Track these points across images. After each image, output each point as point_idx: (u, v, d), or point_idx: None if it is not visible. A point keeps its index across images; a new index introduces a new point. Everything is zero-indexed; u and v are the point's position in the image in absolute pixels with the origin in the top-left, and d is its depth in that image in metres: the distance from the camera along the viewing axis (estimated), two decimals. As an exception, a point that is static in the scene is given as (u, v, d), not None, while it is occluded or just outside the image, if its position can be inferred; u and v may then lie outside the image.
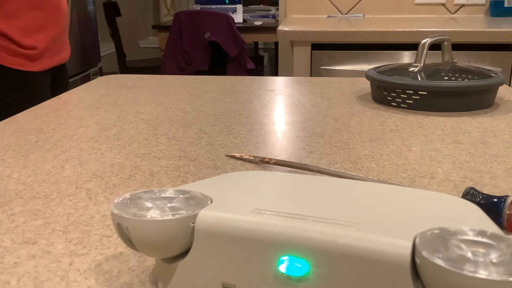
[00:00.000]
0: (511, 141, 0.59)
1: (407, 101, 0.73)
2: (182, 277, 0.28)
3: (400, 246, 0.23)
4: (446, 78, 0.81)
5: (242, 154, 0.54)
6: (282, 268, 0.26)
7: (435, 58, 0.90)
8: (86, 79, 2.69)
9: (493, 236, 0.24)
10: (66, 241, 0.37)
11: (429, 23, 1.75)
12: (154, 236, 0.27)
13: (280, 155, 0.55)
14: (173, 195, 0.30)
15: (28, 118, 0.71)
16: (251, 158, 0.52)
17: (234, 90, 0.88)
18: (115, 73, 3.65)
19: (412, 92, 0.72)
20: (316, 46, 1.62)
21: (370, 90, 0.86)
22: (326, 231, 0.25)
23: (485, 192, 0.44)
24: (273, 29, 3.25)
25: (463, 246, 0.23)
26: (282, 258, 0.26)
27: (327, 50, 1.62)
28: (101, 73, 3.01)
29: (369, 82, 0.86)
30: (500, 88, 0.85)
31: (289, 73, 2.31)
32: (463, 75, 0.81)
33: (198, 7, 3.71)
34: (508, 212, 0.35)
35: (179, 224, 0.27)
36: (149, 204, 0.29)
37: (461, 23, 1.76)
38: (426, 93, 0.72)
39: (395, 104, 0.75)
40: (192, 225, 0.27)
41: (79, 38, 2.52)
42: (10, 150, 0.57)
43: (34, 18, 1.14)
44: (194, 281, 0.28)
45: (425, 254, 0.22)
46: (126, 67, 3.57)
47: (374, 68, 0.83)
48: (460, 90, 0.71)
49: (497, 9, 2.08)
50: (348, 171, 0.50)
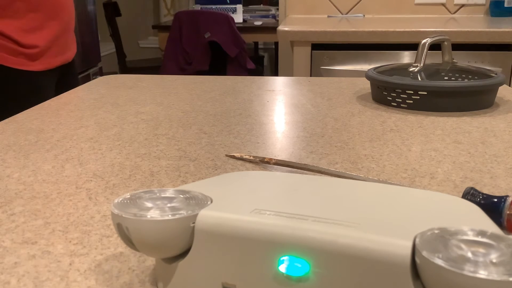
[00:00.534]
0: (511, 141, 0.59)
1: (407, 101, 0.73)
2: (182, 277, 0.28)
3: (400, 246, 0.23)
4: (446, 78, 0.81)
5: (242, 154, 0.54)
6: (282, 268, 0.26)
7: (435, 58, 0.90)
8: (86, 79, 2.69)
9: (493, 236, 0.24)
10: (66, 241, 0.37)
11: (429, 23, 1.75)
12: (154, 236, 0.27)
13: (280, 155, 0.55)
14: (173, 195, 0.30)
15: (28, 118, 0.71)
16: (251, 158, 0.52)
17: (234, 90, 0.88)
18: (115, 73, 3.65)
19: (412, 92, 0.72)
20: (316, 46, 1.62)
21: (370, 90, 0.86)
22: (326, 231, 0.25)
23: (485, 192, 0.44)
24: (273, 29, 3.25)
25: (463, 246, 0.23)
26: (282, 258, 0.26)
27: (327, 50, 1.62)
28: (101, 73, 3.01)
29: (369, 82, 0.86)
30: (500, 88, 0.85)
31: (289, 73, 2.31)
32: (463, 75, 0.81)
33: (198, 7, 3.71)
34: (508, 212, 0.35)
35: (179, 224, 0.27)
36: (149, 204, 0.29)
37: (461, 23, 1.76)
38: (426, 93, 0.72)
39: (395, 104, 0.75)
40: (192, 225, 0.27)
41: (79, 38, 2.53)
42: (10, 150, 0.57)
43: (33, 17, 1.14)
44: (194, 281, 0.28)
45: (425, 254, 0.22)
46: (126, 67, 3.57)
47: (374, 68, 0.83)
48: (460, 90, 0.71)
49: (497, 9, 2.08)
50: (348, 171, 0.50)
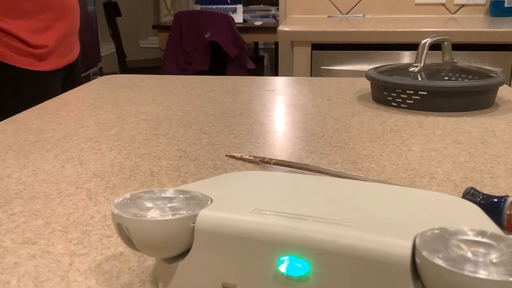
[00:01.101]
0: (511, 141, 0.59)
1: (407, 101, 0.73)
2: (182, 277, 0.28)
3: (400, 246, 0.23)
4: (446, 78, 0.81)
5: (242, 154, 0.54)
6: (282, 268, 0.26)
7: (435, 58, 0.90)
8: (86, 79, 2.69)
9: (493, 236, 0.24)
10: (66, 241, 0.37)
11: (429, 23, 1.75)
12: (154, 236, 0.27)
13: (280, 155, 0.55)
14: (173, 195, 0.30)
15: (28, 118, 0.71)
16: (251, 158, 0.52)
17: (234, 90, 0.88)
18: (115, 73, 3.65)
19: (412, 92, 0.72)
20: (316, 46, 1.62)
21: (370, 90, 0.86)
22: (326, 231, 0.25)
23: (485, 192, 0.44)
24: (273, 29, 3.25)
25: (463, 246, 0.23)
26: (282, 258, 0.26)
27: (327, 50, 1.62)
28: (101, 73, 3.01)
29: (369, 82, 0.86)
30: (500, 88, 0.85)
31: (289, 73, 2.31)
32: (463, 75, 0.81)
33: (198, 7, 3.71)
34: (508, 212, 0.35)
35: (179, 224, 0.27)
36: (149, 204, 0.29)
37: (461, 23, 1.76)
38: (426, 93, 0.72)
39: (395, 104, 0.75)
40: (192, 225, 0.27)
41: (79, 38, 2.52)
42: (10, 150, 0.57)
43: (42, 18, 1.15)
44: (194, 281, 0.28)
45: (425, 254, 0.22)
46: (126, 67, 3.57)
47: (374, 68, 0.83)
48: (460, 90, 0.71)
49: (497, 9, 2.08)
50: (348, 171, 0.50)
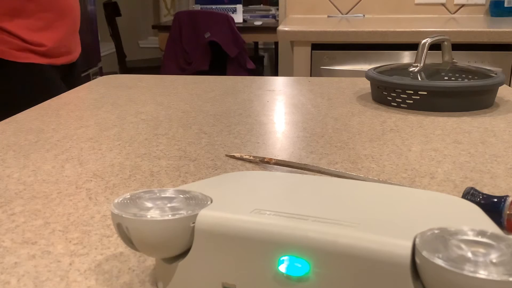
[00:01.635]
0: (511, 141, 0.59)
1: (407, 101, 0.73)
2: (182, 277, 0.28)
3: (400, 246, 0.23)
4: (446, 78, 0.81)
5: (242, 154, 0.54)
6: (282, 268, 0.26)
7: (435, 58, 0.90)
8: (86, 79, 2.69)
9: (493, 236, 0.24)
10: (66, 241, 0.37)
11: (429, 23, 1.75)
12: (154, 236, 0.27)
13: (280, 155, 0.55)
14: (173, 195, 0.30)
15: (28, 118, 0.71)
16: (251, 158, 0.52)
17: (234, 90, 0.88)
18: (115, 73, 3.65)
19: (412, 92, 0.72)
20: (316, 46, 1.62)
21: (370, 90, 0.86)
22: (326, 231, 0.25)
23: (485, 192, 0.44)
24: (273, 29, 3.25)
25: (463, 246, 0.23)
26: (282, 258, 0.26)
27: (327, 50, 1.62)
28: (101, 73, 3.01)
29: (369, 82, 0.86)
30: (500, 88, 0.85)
31: (289, 73, 2.31)
32: (463, 75, 0.81)
33: (198, 7, 3.71)
34: (508, 212, 0.35)
35: (179, 224, 0.27)
36: (149, 204, 0.29)
37: (461, 23, 1.76)
38: (426, 93, 0.72)
39: (395, 104, 0.75)
40: (192, 225, 0.27)
41: (79, 38, 2.52)
42: (10, 150, 0.57)
43: (41, 17, 1.15)
44: (194, 281, 0.28)
45: (425, 254, 0.22)
46: (126, 67, 3.57)
47: (374, 68, 0.83)
48: (460, 90, 0.71)
49: (497, 9, 2.08)
50: (348, 171, 0.50)
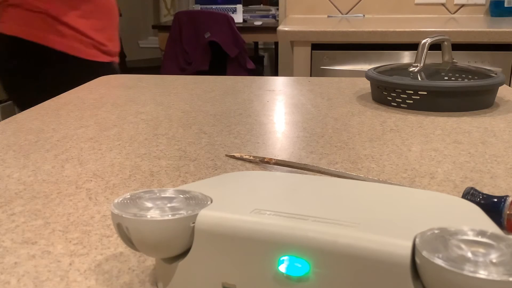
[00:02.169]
0: (511, 141, 0.59)
1: (407, 101, 0.73)
2: (182, 277, 0.28)
3: (400, 246, 0.23)
4: (446, 78, 0.81)
5: (242, 154, 0.54)
6: (282, 268, 0.26)
7: (435, 58, 0.90)
8: (86, 79, 2.68)
9: (493, 236, 0.24)
10: (66, 241, 0.37)
11: (429, 23, 1.75)
12: (154, 236, 0.27)
13: (280, 155, 0.55)
14: (173, 195, 0.30)
15: (28, 118, 0.71)
16: (251, 158, 0.52)
17: (234, 90, 0.88)
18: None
19: (412, 92, 0.72)
20: (316, 46, 1.62)
21: (370, 90, 0.86)
22: (326, 231, 0.25)
23: (485, 192, 0.44)
24: (273, 29, 3.25)
25: (463, 246, 0.23)
26: (282, 258, 0.26)
27: (327, 50, 1.62)
28: (101, 73, 3.01)
29: (369, 82, 0.86)
30: (500, 88, 0.85)
31: (289, 73, 2.31)
32: (463, 75, 0.81)
33: (198, 7, 3.71)
34: (508, 212, 0.35)
35: (179, 224, 0.27)
36: (149, 204, 0.29)
37: (461, 23, 1.76)
38: (426, 93, 0.72)
39: (395, 104, 0.75)
40: (192, 225, 0.27)
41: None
42: (10, 150, 0.57)
43: (99, 18, 1.27)
44: (194, 281, 0.28)
45: (425, 254, 0.22)
46: (126, 67, 3.57)
47: (374, 68, 0.83)
48: (460, 90, 0.71)
49: (497, 9, 2.08)
50: (348, 171, 0.50)
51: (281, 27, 1.63)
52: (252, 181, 0.34)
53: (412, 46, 1.60)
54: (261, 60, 4.20)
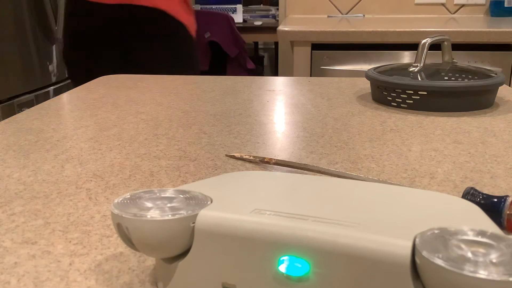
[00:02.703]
0: (511, 141, 0.59)
1: (407, 101, 0.73)
2: (182, 277, 0.28)
3: (400, 246, 0.23)
4: (446, 78, 0.81)
5: (242, 154, 0.54)
6: (282, 268, 0.26)
7: (435, 58, 0.90)
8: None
9: (493, 236, 0.24)
10: (66, 241, 0.37)
11: (429, 23, 1.75)
12: (154, 236, 0.27)
13: (280, 155, 0.55)
14: (173, 195, 0.30)
15: (28, 118, 0.71)
16: (251, 158, 0.52)
17: (234, 90, 0.88)
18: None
19: (412, 92, 0.72)
20: (316, 46, 1.62)
21: (370, 90, 0.86)
22: (326, 231, 0.25)
23: (485, 192, 0.44)
24: (273, 29, 3.25)
25: (463, 246, 0.23)
26: (282, 258, 0.26)
27: (327, 50, 1.62)
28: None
29: (369, 82, 0.86)
30: (500, 88, 0.85)
31: (289, 73, 2.31)
32: (463, 75, 0.81)
33: (198, 7, 3.71)
34: (508, 212, 0.35)
35: (179, 224, 0.27)
36: (149, 204, 0.29)
37: (461, 23, 1.76)
38: (426, 93, 0.72)
39: (395, 104, 0.75)
40: (192, 225, 0.27)
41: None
42: (10, 150, 0.57)
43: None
44: (194, 281, 0.28)
45: (425, 254, 0.22)
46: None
47: (374, 68, 0.83)
48: (460, 90, 0.71)
49: (497, 9, 2.08)
50: (348, 171, 0.50)
51: (281, 27, 1.63)
52: (252, 181, 0.34)
53: (412, 46, 1.60)
54: (261, 60, 4.20)
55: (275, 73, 4.09)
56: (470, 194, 0.38)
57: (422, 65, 0.80)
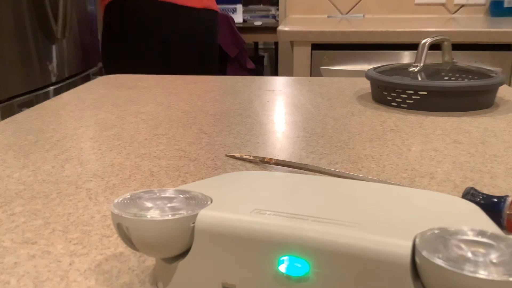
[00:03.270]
0: (511, 141, 0.59)
1: (407, 101, 0.73)
2: (182, 277, 0.28)
3: (400, 246, 0.23)
4: (446, 78, 0.81)
5: (242, 154, 0.54)
6: (282, 268, 0.26)
7: (435, 58, 0.90)
8: (86, 79, 2.69)
9: (493, 236, 0.24)
10: (66, 241, 0.37)
11: (429, 23, 1.75)
12: (154, 236, 0.27)
13: (280, 155, 0.55)
14: (173, 195, 0.30)
15: (28, 118, 0.71)
16: (251, 158, 0.52)
17: (234, 90, 0.88)
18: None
19: (412, 92, 0.72)
20: (316, 46, 1.62)
21: (370, 90, 0.86)
22: (326, 231, 0.25)
23: (485, 192, 0.44)
24: (273, 29, 3.25)
25: (463, 246, 0.23)
26: (282, 258, 0.26)
27: (327, 50, 1.62)
28: (101, 73, 3.01)
29: (369, 82, 0.86)
30: (500, 88, 0.85)
31: (289, 73, 2.31)
32: (463, 75, 0.81)
33: (198, 7, 3.70)
34: (508, 212, 0.35)
35: (179, 224, 0.27)
36: (149, 204, 0.29)
37: (461, 23, 1.76)
38: (426, 93, 0.72)
39: (395, 104, 0.75)
40: (192, 225, 0.27)
41: (79, 38, 2.52)
42: (10, 150, 0.57)
43: None
44: (194, 281, 0.28)
45: (425, 254, 0.22)
46: (126, 67, 3.56)
47: (374, 68, 0.83)
48: (460, 90, 0.71)
49: (497, 9, 2.08)
50: (348, 171, 0.50)
51: (281, 27, 1.63)
52: (252, 181, 0.34)
53: (412, 46, 1.60)
54: (261, 60, 4.19)
55: (275, 73, 4.09)
56: (470, 194, 0.38)
57: (422, 65, 0.80)
